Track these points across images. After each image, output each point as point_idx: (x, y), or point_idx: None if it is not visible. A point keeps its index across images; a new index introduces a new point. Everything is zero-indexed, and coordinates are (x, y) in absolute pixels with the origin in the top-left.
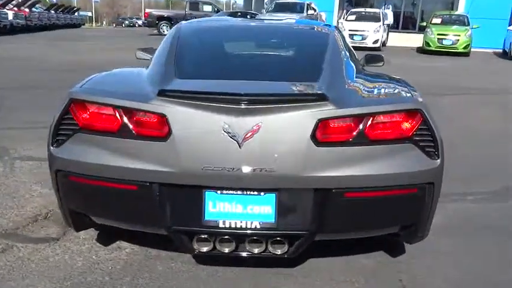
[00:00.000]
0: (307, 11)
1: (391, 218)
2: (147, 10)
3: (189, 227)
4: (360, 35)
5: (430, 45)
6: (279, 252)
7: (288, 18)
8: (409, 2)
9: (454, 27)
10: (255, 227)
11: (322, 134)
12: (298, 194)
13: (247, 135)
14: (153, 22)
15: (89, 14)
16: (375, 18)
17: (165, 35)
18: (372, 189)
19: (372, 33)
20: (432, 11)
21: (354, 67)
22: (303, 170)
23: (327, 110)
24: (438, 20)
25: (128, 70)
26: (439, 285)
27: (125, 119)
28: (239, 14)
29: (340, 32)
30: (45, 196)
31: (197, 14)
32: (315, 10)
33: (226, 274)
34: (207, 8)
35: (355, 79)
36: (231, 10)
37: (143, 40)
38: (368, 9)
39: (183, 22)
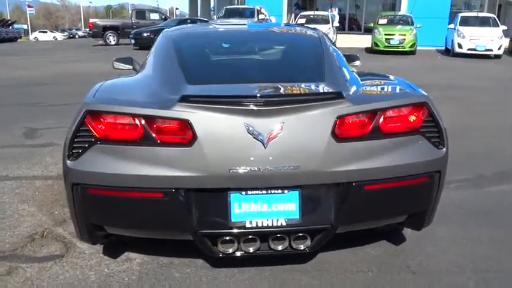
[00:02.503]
0: (257, 16)
1: (404, 207)
2: (92, 20)
3: (216, 230)
4: None
5: (378, 46)
6: (301, 247)
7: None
8: (353, 4)
9: (400, 27)
10: (281, 225)
11: (341, 130)
12: (320, 189)
13: (272, 136)
14: (99, 32)
15: (24, 26)
16: (324, 20)
17: (112, 45)
18: (389, 180)
19: None
20: (374, 13)
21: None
22: (325, 166)
23: (344, 107)
24: (384, 21)
25: (130, 78)
26: (447, 268)
27: (147, 127)
28: (189, 21)
29: (326, 35)
30: (35, 215)
31: (144, 23)
32: (265, 15)
33: (243, 275)
34: (154, 16)
35: (357, 78)
36: (174, 17)
37: (91, 51)
38: (317, 12)
39: (168, 30)
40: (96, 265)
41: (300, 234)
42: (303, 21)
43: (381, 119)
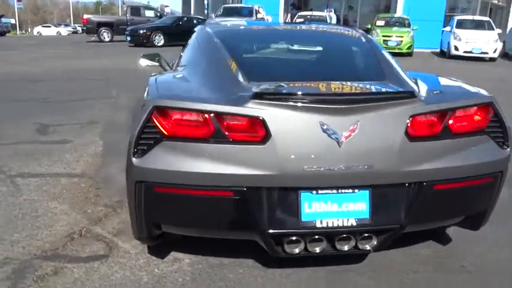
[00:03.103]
0: (256, 15)
1: (467, 206)
2: (86, 16)
3: (286, 230)
4: None
5: None
6: (367, 247)
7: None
8: (347, 5)
9: (397, 29)
10: (351, 225)
11: (413, 130)
12: (391, 189)
13: (347, 134)
14: (93, 28)
15: (12, 21)
16: (321, 20)
17: (106, 41)
18: (457, 180)
19: None
20: (367, 14)
21: None
22: (399, 165)
23: (417, 107)
24: (382, 22)
25: (179, 74)
26: (504, 267)
27: (218, 124)
28: (185, 19)
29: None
30: (68, 213)
31: (139, 20)
32: (262, 14)
33: (299, 275)
34: (149, 13)
35: (415, 77)
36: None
37: (87, 47)
38: (314, 13)
39: (206, 27)
40: (145, 265)
41: (367, 234)
42: (301, 21)
43: (451, 119)
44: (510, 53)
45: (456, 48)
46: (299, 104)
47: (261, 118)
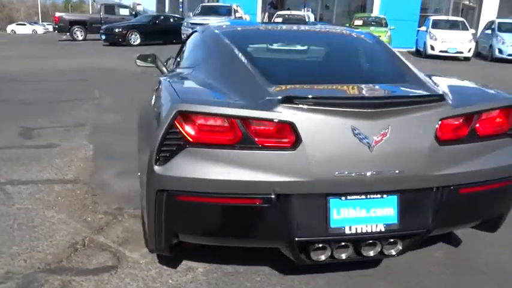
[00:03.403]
0: (234, 14)
1: (489, 209)
2: (58, 14)
3: (314, 237)
4: None
5: None
6: (393, 252)
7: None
8: (323, 5)
9: (374, 28)
10: (380, 230)
11: (442, 133)
12: (418, 193)
13: (378, 139)
14: (65, 27)
15: None
16: (300, 20)
17: (79, 40)
18: (482, 184)
19: None
20: (342, 14)
21: None
22: (428, 170)
23: (446, 110)
24: (360, 22)
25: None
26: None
27: (246, 129)
28: (162, 17)
29: None
30: (67, 222)
31: (113, 18)
32: (241, 14)
33: (318, 281)
34: (124, 12)
35: (433, 79)
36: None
37: (60, 46)
38: (293, 12)
39: (212, 28)
40: (157, 276)
41: (393, 240)
42: (279, 20)
43: (478, 122)
44: (483, 53)
45: (432, 48)
46: (330, 108)
47: (291, 123)
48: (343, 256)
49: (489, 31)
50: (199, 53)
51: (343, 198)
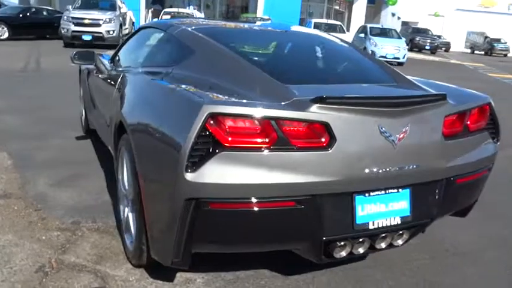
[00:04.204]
0: (119, 10)
1: (470, 196)
2: None
3: (341, 234)
4: None
5: None
6: (400, 243)
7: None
8: (205, 4)
9: None
10: (397, 223)
11: (446, 129)
12: (427, 185)
13: (401, 136)
14: None
15: None
16: (188, 18)
17: None
18: (471, 174)
19: None
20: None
21: None
22: (437, 163)
23: (449, 107)
24: (168, 17)
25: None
26: (476, 247)
27: (281, 131)
28: (33, 9)
29: None
30: (20, 243)
31: None
32: (124, 8)
33: (322, 278)
34: None
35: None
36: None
37: None
38: (181, 10)
39: (186, 27)
40: None
41: (402, 231)
42: (167, 17)
43: (468, 118)
44: None
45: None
46: (360, 108)
47: (326, 123)
48: (361, 251)
49: (362, 35)
50: (177, 52)
51: (366, 194)
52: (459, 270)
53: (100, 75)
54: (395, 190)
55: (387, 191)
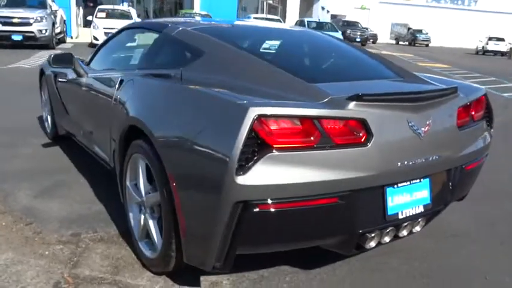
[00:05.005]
0: (50, 8)
1: (472, 182)
2: None
3: (375, 226)
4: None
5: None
6: (418, 229)
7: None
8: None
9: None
10: (421, 212)
11: (459, 120)
12: (443, 174)
13: (426, 129)
14: None
15: None
16: (125, 16)
17: None
18: (475, 161)
19: None
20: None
21: None
22: (453, 152)
23: (459, 99)
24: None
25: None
26: (474, 226)
27: (324, 130)
28: None
29: None
30: (24, 261)
31: None
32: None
33: (342, 269)
34: None
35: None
36: None
37: None
38: (116, 7)
39: (184, 27)
40: None
41: (420, 219)
42: (103, 15)
43: (472, 108)
44: None
45: None
46: (392, 104)
47: (363, 119)
48: (387, 240)
49: None
50: (183, 54)
51: (395, 186)
52: (462, 250)
53: (82, 80)
54: (418, 180)
55: (411, 182)
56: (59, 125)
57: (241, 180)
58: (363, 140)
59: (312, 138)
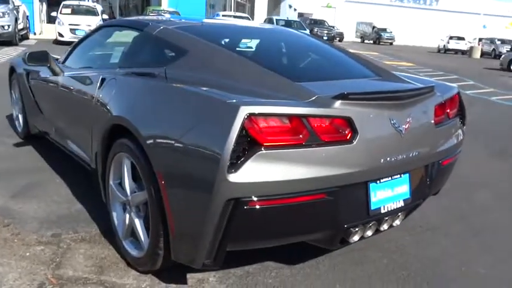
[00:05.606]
0: (13, 3)
1: (446, 177)
2: None
3: (359, 220)
4: (83, 29)
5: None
6: (398, 223)
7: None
8: None
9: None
10: (401, 206)
11: (435, 117)
12: (422, 169)
13: (406, 126)
14: None
15: None
16: (91, 12)
17: None
18: (451, 157)
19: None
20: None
21: None
22: (431, 148)
23: (435, 98)
24: (68, 10)
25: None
26: (446, 219)
27: (311, 128)
28: None
29: None
30: (4, 263)
31: None
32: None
33: (325, 264)
34: None
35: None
36: None
37: None
38: (82, 2)
39: (168, 25)
40: None
41: (400, 213)
42: (68, 11)
43: (447, 107)
44: None
45: None
46: (376, 102)
47: (349, 118)
48: (369, 234)
49: None
50: (165, 52)
51: (378, 181)
52: (436, 243)
53: (59, 78)
54: (399, 176)
55: (393, 177)
56: (31, 124)
57: (233, 178)
58: (348, 137)
59: (300, 136)
